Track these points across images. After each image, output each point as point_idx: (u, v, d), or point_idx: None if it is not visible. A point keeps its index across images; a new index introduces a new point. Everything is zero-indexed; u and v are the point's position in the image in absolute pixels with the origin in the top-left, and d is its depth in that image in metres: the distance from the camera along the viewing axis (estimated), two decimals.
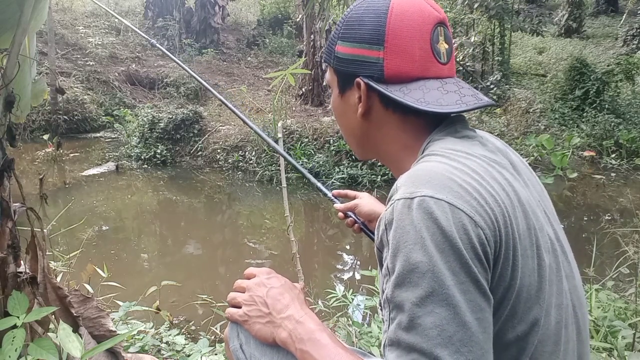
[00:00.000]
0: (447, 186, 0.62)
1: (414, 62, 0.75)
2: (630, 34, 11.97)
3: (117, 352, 1.50)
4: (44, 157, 8.10)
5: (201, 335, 2.36)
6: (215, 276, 4.47)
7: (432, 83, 0.75)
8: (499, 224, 0.62)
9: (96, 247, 4.66)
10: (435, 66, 0.76)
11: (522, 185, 0.72)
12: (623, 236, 3.16)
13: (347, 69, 0.80)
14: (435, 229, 0.58)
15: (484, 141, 0.76)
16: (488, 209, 0.61)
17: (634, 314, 2.00)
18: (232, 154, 8.00)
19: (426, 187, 0.61)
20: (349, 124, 0.85)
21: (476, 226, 0.59)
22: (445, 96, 0.74)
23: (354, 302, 2.47)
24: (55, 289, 1.42)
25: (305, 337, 0.75)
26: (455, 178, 0.63)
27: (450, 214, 0.59)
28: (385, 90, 0.75)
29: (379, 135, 0.82)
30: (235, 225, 6.07)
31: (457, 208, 0.60)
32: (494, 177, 0.66)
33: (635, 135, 7.54)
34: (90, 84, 10.91)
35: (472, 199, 0.61)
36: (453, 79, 0.78)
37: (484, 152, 0.72)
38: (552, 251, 0.69)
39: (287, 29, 14.02)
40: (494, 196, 0.63)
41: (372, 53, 0.76)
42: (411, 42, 0.75)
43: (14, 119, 1.37)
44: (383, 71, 0.76)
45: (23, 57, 1.34)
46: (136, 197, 6.90)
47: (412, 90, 0.75)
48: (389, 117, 0.79)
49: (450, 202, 0.60)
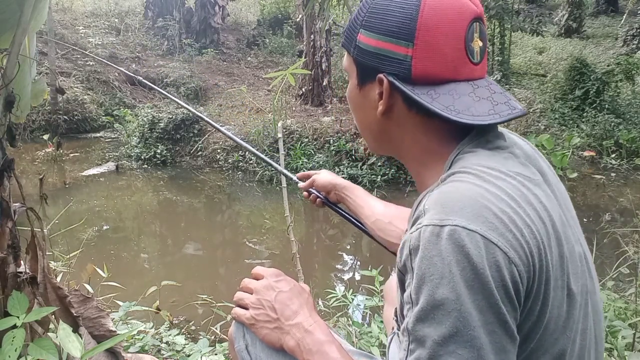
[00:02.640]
0: (481, 215, 0.56)
1: (446, 63, 0.67)
2: (630, 34, 11.96)
3: (117, 352, 1.49)
4: (44, 157, 8.10)
5: (201, 335, 2.36)
6: (215, 276, 4.47)
7: (463, 87, 0.68)
8: (533, 258, 0.57)
9: (96, 247, 4.66)
10: (467, 67, 0.69)
11: (554, 200, 0.66)
12: (623, 236, 3.16)
13: (369, 62, 0.72)
14: (465, 264, 0.54)
15: (515, 151, 0.69)
16: (524, 242, 0.56)
17: (634, 314, 2.00)
18: (232, 154, 8.00)
19: (458, 215, 0.56)
20: (366, 119, 0.79)
21: (510, 263, 0.55)
22: (477, 104, 0.67)
23: (354, 302, 2.47)
24: (55, 289, 1.42)
25: (314, 349, 0.75)
26: (491, 206, 0.57)
27: (483, 248, 0.54)
28: (412, 92, 0.68)
29: (400, 135, 0.75)
30: (235, 225, 6.07)
31: (491, 242, 0.54)
32: (529, 202, 0.60)
33: (635, 135, 7.54)
34: (90, 84, 10.91)
35: (508, 231, 0.56)
36: (485, 80, 0.71)
37: (518, 168, 0.65)
38: (581, 273, 0.64)
39: (287, 29, 14.02)
40: (530, 227, 0.58)
41: (400, 49, 0.68)
42: (444, 41, 0.66)
43: (14, 119, 1.38)
44: (410, 71, 0.68)
45: (23, 57, 1.34)
46: (136, 197, 6.90)
47: (441, 95, 0.67)
48: (412, 118, 0.72)
49: (484, 234, 0.55)
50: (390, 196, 6.53)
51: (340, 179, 1.29)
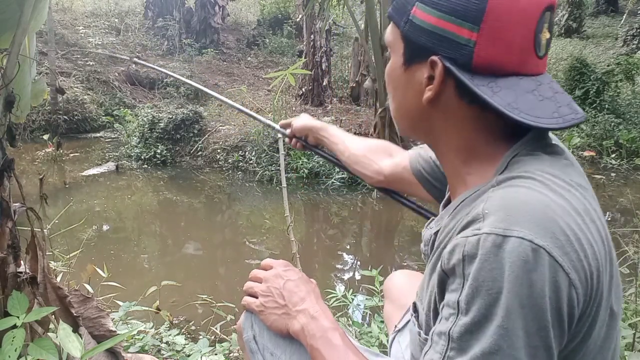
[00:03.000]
0: (549, 230, 0.52)
1: (513, 53, 0.61)
2: (630, 34, 11.97)
3: (117, 352, 1.50)
4: (44, 157, 8.10)
5: (201, 335, 2.36)
6: (215, 276, 4.47)
7: (527, 83, 0.62)
8: (592, 281, 0.54)
9: (96, 247, 4.66)
10: (532, 60, 0.62)
11: (600, 213, 0.61)
12: (623, 236, 3.16)
13: (423, 41, 0.64)
14: (525, 282, 0.50)
15: (570, 157, 0.64)
16: (586, 264, 0.53)
17: (634, 314, 2.00)
18: (232, 154, 8.00)
19: (525, 227, 0.51)
20: (406, 102, 0.71)
21: (570, 285, 0.51)
22: (541, 104, 0.60)
23: (354, 302, 2.47)
24: (55, 289, 1.42)
25: (318, 334, 0.76)
26: (559, 220, 0.53)
27: (547, 267, 0.50)
28: (470, 82, 0.61)
29: (443, 127, 0.68)
30: (235, 225, 6.07)
31: (556, 261, 0.51)
32: (592, 219, 0.56)
33: (635, 135, 7.54)
34: (90, 84, 10.91)
35: (573, 250, 0.52)
36: (546, 77, 0.64)
37: (577, 178, 0.60)
38: (621, 292, 0.62)
39: (287, 29, 14.02)
40: (592, 246, 0.54)
41: (463, 32, 0.61)
42: (514, 29, 0.59)
43: (14, 119, 1.38)
44: (472, 57, 0.61)
45: (23, 57, 1.34)
46: (136, 197, 6.90)
47: (502, 89, 0.60)
48: (461, 109, 0.65)
49: (550, 252, 0.51)
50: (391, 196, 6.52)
51: (315, 121, 1.35)
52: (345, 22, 13.70)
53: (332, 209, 6.39)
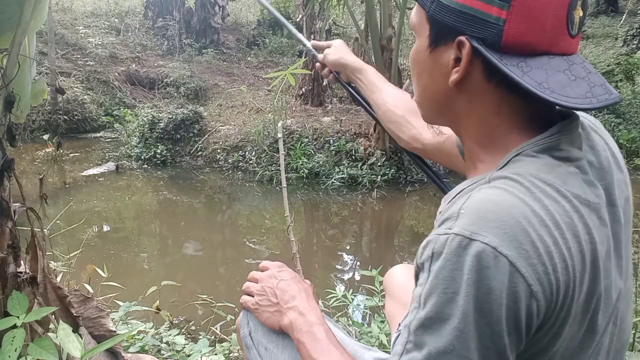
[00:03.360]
0: (516, 240, 0.52)
1: (544, 32, 0.58)
2: (630, 34, 11.96)
3: (117, 352, 1.50)
4: (44, 157, 8.10)
5: (201, 335, 2.36)
6: (215, 276, 4.48)
7: (558, 62, 0.59)
8: (558, 296, 0.53)
9: (96, 247, 4.66)
10: (565, 39, 0.59)
11: (607, 229, 0.60)
12: None
13: (450, 21, 0.62)
14: (482, 288, 0.51)
15: (584, 165, 0.61)
16: (553, 277, 0.52)
17: (634, 314, 2.00)
18: (232, 154, 8.00)
19: (492, 234, 0.51)
20: (431, 86, 0.69)
21: (531, 296, 0.51)
22: (573, 84, 0.58)
23: (354, 302, 2.47)
24: (55, 289, 1.42)
25: (305, 329, 0.82)
26: (530, 230, 0.52)
27: (507, 276, 0.51)
28: (499, 61, 0.59)
29: (466, 110, 0.67)
30: (235, 225, 6.07)
31: (518, 272, 0.51)
32: (575, 233, 0.55)
33: (635, 135, 7.55)
34: (90, 84, 10.90)
35: (540, 263, 0.52)
36: (578, 57, 0.61)
37: (578, 189, 0.58)
38: (613, 309, 0.61)
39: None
40: (566, 262, 0.53)
41: (492, 10, 0.58)
42: (547, 6, 0.57)
43: (14, 119, 1.38)
44: (501, 37, 0.58)
45: (23, 57, 1.34)
46: (136, 197, 6.90)
47: (533, 68, 0.58)
48: (487, 91, 0.63)
49: (513, 261, 0.51)
50: (390, 196, 6.53)
51: (351, 57, 1.19)
52: (345, 22, 13.70)
53: (332, 209, 6.39)
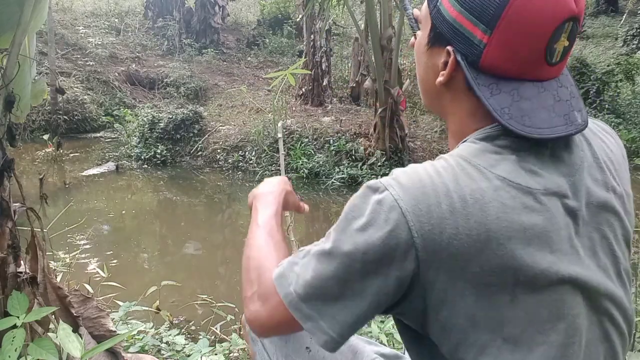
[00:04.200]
0: (416, 199, 0.60)
1: (518, 62, 0.64)
2: (630, 34, 11.96)
3: (117, 352, 1.50)
4: (44, 157, 8.10)
5: (201, 335, 2.36)
6: (215, 276, 4.47)
7: (527, 89, 0.65)
8: (442, 255, 0.59)
9: (96, 247, 4.66)
10: (540, 68, 0.65)
11: (566, 217, 0.63)
12: None
13: (445, 30, 0.69)
14: (374, 223, 0.61)
15: (529, 155, 0.65)
16: (439, 239, 0.59)
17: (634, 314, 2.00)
18: (232, 154, 8.00)
19: (400, 189, 0.62)
20: (426, 77, 0.78)
21: (412, 246, 0.60)
22: (535, 112, 0.64)
23: None
24: (55, 289, 1.42)
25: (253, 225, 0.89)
26: (432, 197, 0.60)
27: (395, 222, 0.60)
28: (474, 79, 0.66)
29: (450, 107, 0.75)
30: (235, 225, 6.07)
31: (407, 222, 0.60)
32: (483, 209, 0.60)
33: (635, 135, 7.54)
34: (90, 84, 10.90)
35: (429, 224, 0.59)
36: (555, 82, 0.67)
37: (507, 174, 0.63)
38: (577, 296, 0.63)
39: (287, 29, 14.01)
40: (458, 229, 0.59)
41: (477, 32, 0.64)
42: (524, 39, 0.63)
43: (14, 119, 1.38)
44: (480, 57, 0.65)
45: (23, 57, 1.34)
46: (136, 197, 6.90)
47: (502, 92, 0.65)
48: (467, 96, 0.70)
49: (405, 213, 0.60)
50: None
51: None
52: (345, 22, 13.70)
53: (332, 209, 6.39)
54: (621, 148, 0.77)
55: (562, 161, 0.67)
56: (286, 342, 0.95)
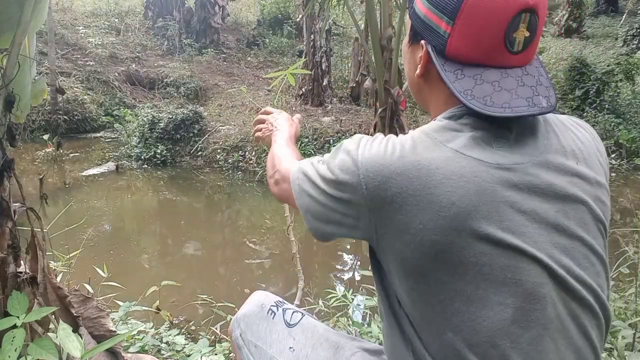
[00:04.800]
0: (372, 153, 0.72)
1: (479, 48, 0.71)
2: (630, 34, 11.96)
3: (117, 352, 1.50)
4: (44, 157, 8.10)
5: (201, 335, 2.36)
6: (215, 276, 4.47)
7: (491, 74, 0.72)
8: (385, 196, 0.69)
9: (96, 247, 4.66)
10: (502, 55, 0.71)
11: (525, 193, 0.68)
12: (623, 236, 3.16)
13: (417, 26, 0.79)
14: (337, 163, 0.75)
15: (487, 135, 0.71)
16: (385, 184, 0.69)
17: (634, 314, 2.00)
18: (232, 154, 8.00)
19: (366, 147, 0.73)
20: (410, 74, 0.87)
21: (360, 181, 0.71)
22: (496, 94, 0.70)
23: (354, 302, 2.47)
24: (55, 289, 1.42)
25: (277, 139, 1.14)
26: (388, 155, 0.70)
27: (353, 163, 0.72)
28: (442, 67, 0.74)
29: (429, 97, 0.83)
30: (235, 225, 6.07)
31: (360, 165, 0.71)
32: (428, 174, 0.68)
33: (635, 135, 7.54)
34: (90, 84, 10.90)
35: (378, 172, 0.70)
36: (521, 70, 0.73)
37: (461, 147, 0.69)
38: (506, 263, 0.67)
39: (287, 29, 14.01)
40: (395, 179, 0.68)
41: (442, 24, 0.73)
42: (483, 28, 0.70)
43: (14, 119, 1.38)
44: (445, 47, 0.73)
45: (23, 57, 1.34)
46: (136, 197, 6.90)
47: (466, 76, 0.72)
48: (441, 86, 0.77)
49: (361, 159, 0.72)
50: None
51: None
52: (345, 22, 13.70)
53: None
54: (596, 142, 0.80)
55: (526, 145, 0.72)
56: (271, 346, 1.03)
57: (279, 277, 4.43)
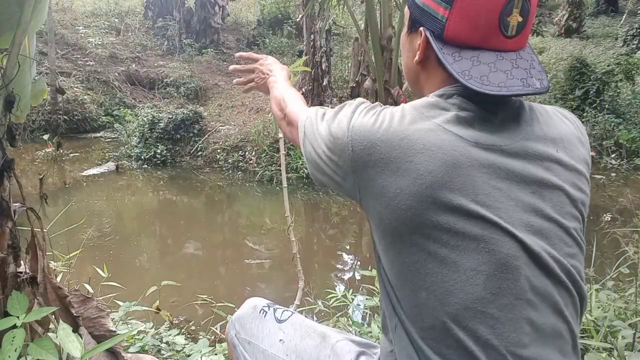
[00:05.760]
0: (364, 121, 0.77)
1: (475, 31, 0.75)
2: (630, 34, 11.96)
3: (117, 352, 1.50)
4: (44, 157, 8.10)
5: (201, 335, 2.36)
6: (215, 276, 4.47)
7: (487, 56, 0.75)
8: (368, 159, 0.74)
9: (96, 247, 4.66)
10: (497, 38, 0.75)
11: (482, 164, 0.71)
12: (623, 236, 3.16)
13: (416, 14, 0.82)
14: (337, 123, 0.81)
15: (464, 114, 0.75)
16: (368, 150, 0.74)
17: (634, 314, 2.00)
18: (232, 154, 8.00)
19: (361, 114, 0.78)
20: (408, 62, 0.89)
21: (348, 143, 0.77)
22: (492, 74, 0.73)
23: (354, 302, 2.47)
24: (55, 289, 1.42)
25: (275, 81, 1.19)
26: (377, 124, 0.75)
27: (347, 129, 0.78)
28: (440, 50, 0.77)
29: (427, 85, 0.86)
30: (235, 225, 6.07)
31: (354, 130, 0.77)
32: (410, 145, 0.72)
33: (635, 135, 7.54)
34: (90, 84, 10.90)
35: (365, 138, 0.75)
36: (515, 54, 0.77)
37: (444, 122, 0.73)
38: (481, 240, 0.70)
39: (287, 29, 14.01)
40: (379, 146, 0.74)
41: (439, 9, 0.77)
42: (479, 11, 0.73)
43: (14, 119, 1.37)
44: (443, 31, 0.77)
45: (23, 57, 1.34)
46: (136, 197, 6.90)
47: (463, 58, 0.75)
48: (439, 71, 0.81)
49: (354, 125, 0.77)
50: None
51: None
52: (345, 22, 13.70)
53: (332, 209, 6.39)
54: (579, 132, 0.83)
55: (508, 129, 0.75)
56: (262, 340, 1.09)
57: (279, 277, 4.43)
